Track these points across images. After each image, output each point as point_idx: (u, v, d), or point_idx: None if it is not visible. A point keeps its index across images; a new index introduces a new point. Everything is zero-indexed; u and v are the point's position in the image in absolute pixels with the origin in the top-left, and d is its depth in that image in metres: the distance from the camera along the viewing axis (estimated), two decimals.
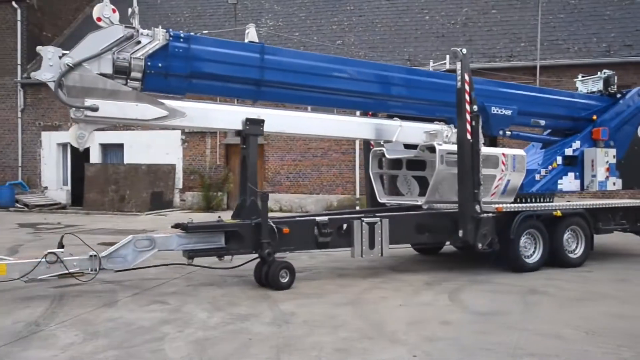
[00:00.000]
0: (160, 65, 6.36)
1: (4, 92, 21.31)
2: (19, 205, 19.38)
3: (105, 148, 21.01)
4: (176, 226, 6.60)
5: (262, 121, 6.96)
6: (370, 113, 8.45)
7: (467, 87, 7.34)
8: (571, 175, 9.02)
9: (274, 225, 6.67)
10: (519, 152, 8.32)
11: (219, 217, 6.99)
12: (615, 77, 9.87)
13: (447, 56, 14.14)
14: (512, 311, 5.70)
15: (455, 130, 8.03)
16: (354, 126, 8.06)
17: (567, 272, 7.81)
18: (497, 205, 7.69)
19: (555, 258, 8.12)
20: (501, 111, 8.41)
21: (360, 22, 20.60)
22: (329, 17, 21.15)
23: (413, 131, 8.23)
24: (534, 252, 7.97)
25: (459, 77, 7.41)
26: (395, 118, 8.29)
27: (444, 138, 8.11)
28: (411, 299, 6.24)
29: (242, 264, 7.21)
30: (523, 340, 4.70)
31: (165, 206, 19.00)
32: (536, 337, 4.80)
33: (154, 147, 19.50)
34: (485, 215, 7.36)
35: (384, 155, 8.45)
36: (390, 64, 8.77)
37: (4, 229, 13.55)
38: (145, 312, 5.53)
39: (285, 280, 6.58)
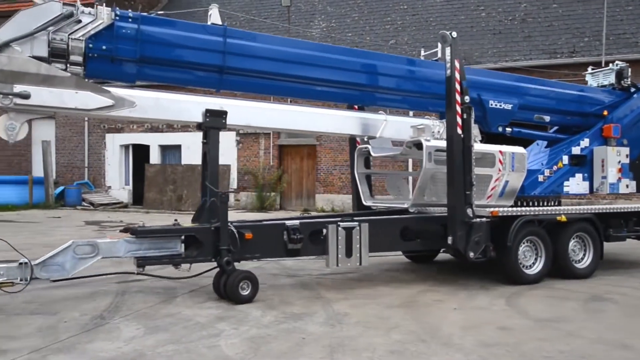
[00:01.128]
0: (104, 47, 5.65)
1: None
2: (85, 204, 20.41)
3: (164, 149, 21.80)
4: (125, 230, 5.90)
5: (225, 113, 6.21)
6: (356, 107, 7.72)
7: (457, 76, 6.57)
8: (579, 176, 8.24)
9: (234, 230, 6.00)
10: (519, 149, 7.41)
11: (176, 220, 6.22)
12: (629, 70, 9.01)
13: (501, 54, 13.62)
14: (574, 318, 5.46)
15: None
16: (332, 120, 7.27)
17: (634, 279, 7.39)
18: (492, 209, 6.81)
19: (559, 268, 7.27)
20: (500, 105, 7.65)
21: (414, 21, 20.36)
22: (382, 16, 21.02)
23: (400, 126, 7.52)
24: (535, 262, 7.10)
25: (448, 65, 6.62)
26: (381, 112, 7.64)
27: (434, 133, 7.38)
28: (466, 302, 6.10)
29: (200, 273, 6.63)
30: (586, 349, 4.49)
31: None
32: (600, 346, 4.58)
33: None
34: (478, 220, 6.56)
35: (370, 153, 7.77)
36: (376, 52, 8.05)
37: (72, 226, 14.31)
38: (202, 309, 5.69)
39: (245, 292, 5.83)
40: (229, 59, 6.25)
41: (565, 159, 8.16)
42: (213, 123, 6.19)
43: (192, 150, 20.53)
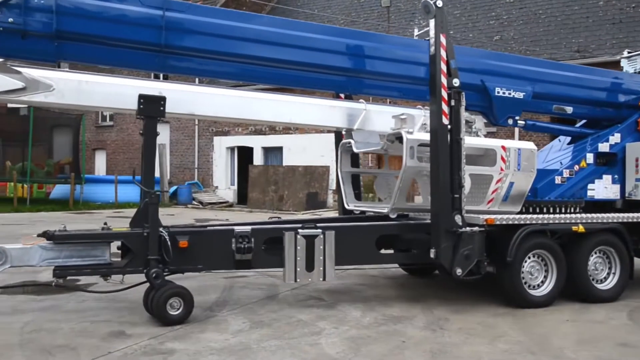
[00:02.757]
0: (11, 20, 4.85)
1: None
2: (195, 203, 21.78)
3: (267, 151, 22.69)
4: (43, 234, 5.05)
5: (163, 99, 5.29)
6: (343, 96, 6.70)
7: (443, 53, 5.51)
8: (607, 178, 6.91)
9: (166, 237, 5.11)
10: (527, 145, 6.29)
11: (105, 223, 5.37)
12: None
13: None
14: None
15: None
16: (297, 109, 6.26)
17: None
18: (487, 217, 5.71)
19: (575, 289, 6.11)
20: (509, 93, 6.52)
21: (521, 15, 19.33)
22: (485, 12, 20.20)
23: (382, 116, 6.47)
24: (543, 280, 5.94)
25: (432, 40, 5.56)
26: (361, 100, 6.69)
27: (418, 125, 6.34)
28: (580, 314, 5.67)
29: (132, 286, 5.48)
30: None
31: (320, 206, 19.82)
32: None
33: (310, 150, 20.48)
34: (468, 229, 5.48)
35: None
36: (357, 30, 6.95)
37: (183, 222, 15.33)
38: (304, 306, 5.83)
39: (175, 312, 4.98)
40: (170, 36, 5.38)
41: (590, 157, 6.86)
42: (148, 111, 5.27)
43: (292, 151, 21.17)
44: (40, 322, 5.07)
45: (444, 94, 5.49)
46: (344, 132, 6.73)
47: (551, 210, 6.39)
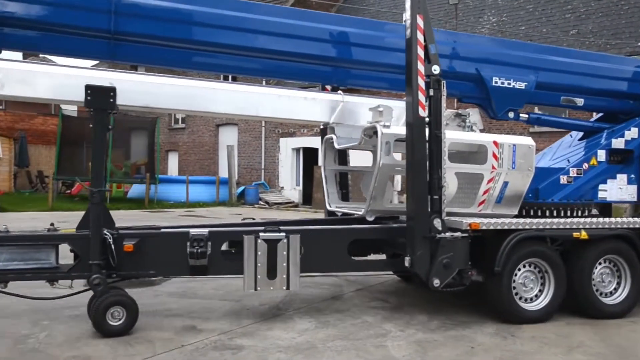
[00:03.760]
0: None
1: None
2: (261, 203, 22.26)
3: None
4: None
5: (113, 90, 4.88)
6: (328, 88, 6.15)
7: (420, 37, 4.96)
8: (622, 178, 6.21)
9: (110, 239, 4.73)
10: (524, 140, 5.71)
11: (52, 224, 5.07)
12: None
13: None
14: None
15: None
16: (266, 100, 5.71)
17: None
18: (471, 221, 5.12)
19: (578, 303, 5.48)
20: (508, 83, 5.89)
21: (600, 7, 18.25)
22: (561, 5, 19.25)
23: (363, 109, 5.89)
24: (539, 293, 5.33)
25: (407, 22, 5.01)
26: (340, 91, 6.09)
27: (400, 118, 5.74)
28: None
29: (76, 292, 5.08)
30: None
31: None
32: None
33: None
34: (448, 235, 4.94)
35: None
36: (341, 15, 6.30)
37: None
38: (369, 307, 5.80)
39: (116, 323, 4.60)
40: (121, 21, 4.92)
41: (602, 154, 6.16)
42: (96, 102, 4.87)
43: (354, 152, 21.12)
44: None
45: (421, 82, 4.95)
46: (321, 126, 6.36)
47: (555, 214, 5.82)
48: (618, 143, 6.24)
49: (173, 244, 5.00)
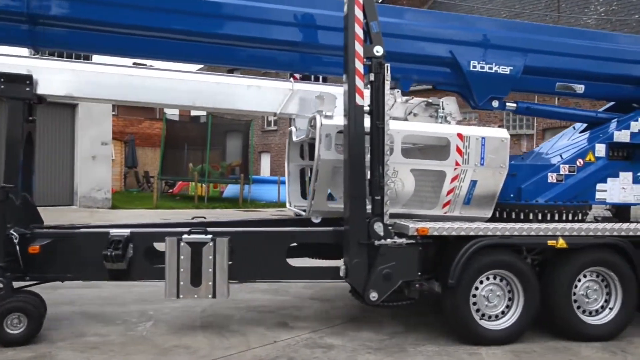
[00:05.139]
0: None
1: None
2: None
3: None
4: None
5: (29, 78, 4.56)
6: (297, 76, 5.61)
7: (358, 13, 4.33)
8: (626, 176, 5.31)
9: (15, 240, 4.37)
10: (496, 133, 4.96)
11: None
12: None
13: None
14: None
15: (399, 98, 5.10)
16: (202, 89, 5.16)
17: None
18: (418, 225, 4.46)
19: (555, 322, 4.72)
20: (490, 67, 5.14)
21: None
22: None
23: (310, 97, 5.21)
24: (506, 310, 4.60)
25: None
26: (291, 79, 5.55)
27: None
28: None
29: None
30: None
31: None
32: None
33: None
34: (388, 241, 4.37)
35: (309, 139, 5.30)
36: None
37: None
38: None
39: (15, 331, 4.27)
40: (35, 3, 4.47)
41: (601, 149, 5.30)
42: (10, 91, 4.56)
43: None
44: (216, 309, 5.63)
45: (359, 65, 4.32)
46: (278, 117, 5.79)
47: (540, 217, 5.09)
48: (622, 136, 5.33)
49: (89, 246, 4.61)
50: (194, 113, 30.73)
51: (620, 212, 5.81)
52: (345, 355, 4.29)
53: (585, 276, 4.75)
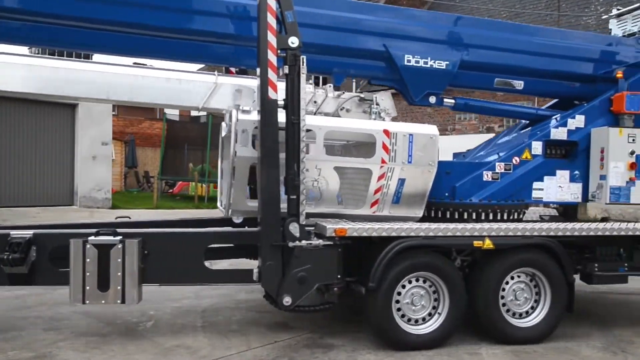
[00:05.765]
0: None
1: None
2: None
3: None
4: None
5: None
6: (233, 70, 5.39)
7: (270, 2, 4.12)
8: (563, 174, 5.19)
9: None
10: (424, 129, 4.81)
11: None
12: None
13: None
14: None
15: (324, 90, 4.92)
16: (122, 82, 4.88)
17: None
18: (337, 226, 4.25)
19: (482, 325, 4.63)
20: (425, 62, 4.99)
21: None
22: None
23: (246, 92, 5.00)
24: (431, 313, 4.47)
25: None
26: (216, 72, 5.28)
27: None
28: None
29: None
30: None
31: None
32: None
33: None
34: (303, 243, 4.16)
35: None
36: None
37: None
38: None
39: None
40: None
41: (538, 146, 5.17)
42: None
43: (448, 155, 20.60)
44: (217, 309, 5.64)
45: (272, 57, 4.10)
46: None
47: (474, 217, 4.91)
48: (558, 133, 5.24)
49: None
50: (194, 113, 30.72)
51: (568, 210, 5.72)
52: (345, 355, 4.29)
53: (513, 278, 4.66)
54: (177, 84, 5.05)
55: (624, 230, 4.77)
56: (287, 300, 4.20)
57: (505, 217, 5.04)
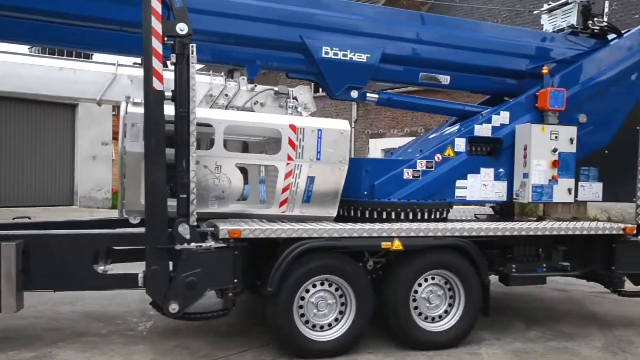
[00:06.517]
0: None
1: (343, 106, 25.04)
2: None
3: None
4: None
5: None
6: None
7: None
8: (487, 172, 5.00)
9: None
10: (334, 124, 4.52)
11: None
12: (607, 4, 5.48)
13: None
14: None
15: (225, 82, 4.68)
16: (8, 70, 4.56)
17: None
18: (230, 227, 3.94)
19: (392, 330, 4.44)
20: (344, 55, 4.75)
21: None
22: None
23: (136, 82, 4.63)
24: (338, 318, 4.23)
25: None
26: (118, 61, 4.85)
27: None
28: None
29: None
30: None
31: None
32: None
33: None
34: (192, 246, 3.86)
35: None
36: None
37: None
38: None
39: None
40: None
41: (461, 143, 4.96)
42: None
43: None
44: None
45: (157, 45, 3.77)
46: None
47: (394, 217, 4.65)
48: (482, 130, 5.04)
49: None
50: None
51: (505, 209, 5.54)
52: (345, 356, 4.29)
53: (427, 280, 4.45)
54: (71, 74, 4.66)
55: (541, 230, 4.63)
56: (173, 307, 3.85)
57: (426, 217, 4.79)
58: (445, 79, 5.24)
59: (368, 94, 5.09)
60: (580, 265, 4.97)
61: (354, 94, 4.97)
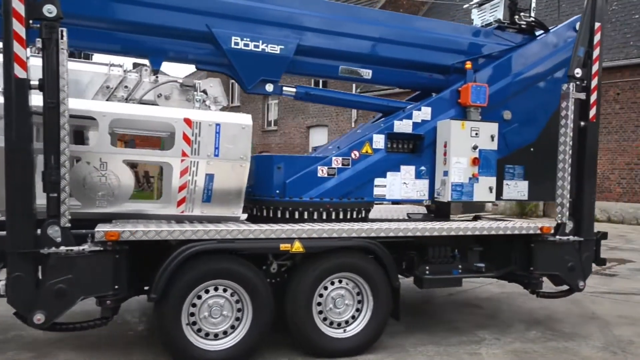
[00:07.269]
0: None
1: None
2: None
3: None
4: None
5: None
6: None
7: None
8: (407, 170, 4.81)
9: None
10: (234, 118, 4.23)
11: None
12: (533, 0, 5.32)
13: None
14: None
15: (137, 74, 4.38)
16: None
17: None
18: (108, 229, 3.63)
19: (293, 337, 4.20)
20: (256, 46, 4.48)
21: None
22: None
23: (85, 77, 4.45)
24: (234, 326, 3.98)
25: None
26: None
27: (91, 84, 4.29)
28: None
29: None
30: None
31: (477, 210, 18.96)
32: None
33: None
34: (61, 250, 3.49)
35: None
36: None
37: None
38: (462, 313, 5.64)
39: None
40: None
41: (380, 140, 4.75)
42: None
43: None
44: None
45: (19, 28, 3.38)
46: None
47: (306, 217, 4.46)
48: (402, 126, 4.83)
49: None
50: None
51: (441, 208, 5.35)
52: (345, 356, 4.29)
53: (334, 283, 4.23)
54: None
55: (454, 230, 4.44)
56: (38, 317, 3.48)
57: (342, 217, 4.59)
58: (367, 73, 5.04)
59: (285, 88, 4.83)
60: (497, 266, 4.84)
61: (270, 87, 4.70)
